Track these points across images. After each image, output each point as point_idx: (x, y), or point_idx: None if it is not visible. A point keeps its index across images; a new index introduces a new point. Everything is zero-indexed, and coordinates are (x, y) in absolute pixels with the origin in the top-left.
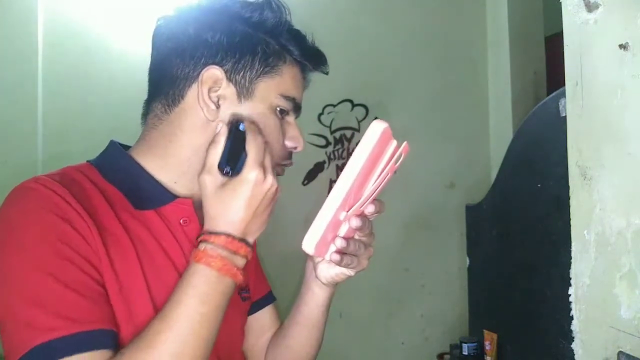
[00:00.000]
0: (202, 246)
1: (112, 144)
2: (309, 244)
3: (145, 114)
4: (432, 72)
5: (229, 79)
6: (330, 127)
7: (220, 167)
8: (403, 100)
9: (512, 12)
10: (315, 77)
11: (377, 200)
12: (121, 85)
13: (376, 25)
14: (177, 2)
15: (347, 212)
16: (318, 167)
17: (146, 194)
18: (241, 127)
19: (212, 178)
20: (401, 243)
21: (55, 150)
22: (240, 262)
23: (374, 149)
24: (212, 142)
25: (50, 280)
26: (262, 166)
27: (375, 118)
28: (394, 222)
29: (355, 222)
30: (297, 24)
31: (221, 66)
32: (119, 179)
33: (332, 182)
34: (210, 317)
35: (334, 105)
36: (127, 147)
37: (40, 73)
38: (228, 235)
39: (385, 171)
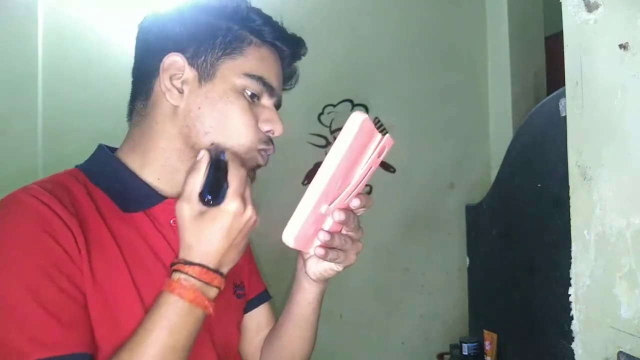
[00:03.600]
0: (175, 276)
1: (100, 147)
2: (288, 236)
3: (130, 115)
4: (432, 72)
5: (191, 64)
6: (330, 127)
7: (202, 195)
8: (403, 100)
9: (512, 12)
10: (315, 77)
11: (362, 195)
12: (122, 86)
13: (376, 25)
14: (176, 3)
15: (330, 205)
16: (318, 167)
17: (133, 195)
18: (222, 157)
19: (190, 206)
20: (401, 243)
21: (55, 151)
22: (213, 293)
23: (354, 140)
24: (192, 169)
25: (29, 301)
26: (243, 198)
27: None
28: (394, 222)
29: (338, 216)
30: (298, 25)
31: (183, 53)
32: (106, 182)
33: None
34: (180, 346)
35: (334, 105)
36: (114, 150)
37: (40, 73)
38: (203, 266)
39: (368, 164)
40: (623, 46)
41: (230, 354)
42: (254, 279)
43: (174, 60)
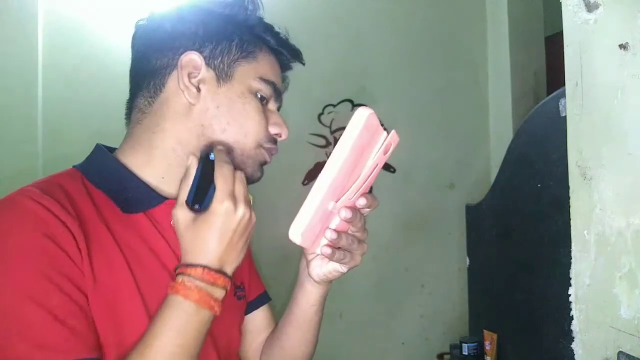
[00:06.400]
0: (179, 278)
1: (97, 147)
2: (295, 232)
3: (129, 113)
4: (432, 72)
5: (208, 64)
6: (330, 127)
7: (188, 203)
8: (403, 100)
9: (512, 12)
10: (316, 77)
11: (369, 195)
12: (122, 87)
13: (376, 25)
14: (177, 4)
15: (336, 202)
16: (318, 167)
17: (133, 196)
18: (211, 157)
19: (184, 212)
20: (401, 243)
21: (55, 152)
22: (219, 293)
23: (360, 136)
24: (184, 176)
25: (33, 307)
26: (233, 196)
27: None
28: (394, 222)
29: (345, 213)
30: (298, 25)
31: (200, 52)
32: (105, 182)
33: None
34: (189, 348)
35: (334, 105)
36: (113, 150)
37: (40, 73)
38: (204, 267)
39: (374, 161)
40: (623, 46)
41: (231, 356)
42: (254, 280)
43: (192, 59)
